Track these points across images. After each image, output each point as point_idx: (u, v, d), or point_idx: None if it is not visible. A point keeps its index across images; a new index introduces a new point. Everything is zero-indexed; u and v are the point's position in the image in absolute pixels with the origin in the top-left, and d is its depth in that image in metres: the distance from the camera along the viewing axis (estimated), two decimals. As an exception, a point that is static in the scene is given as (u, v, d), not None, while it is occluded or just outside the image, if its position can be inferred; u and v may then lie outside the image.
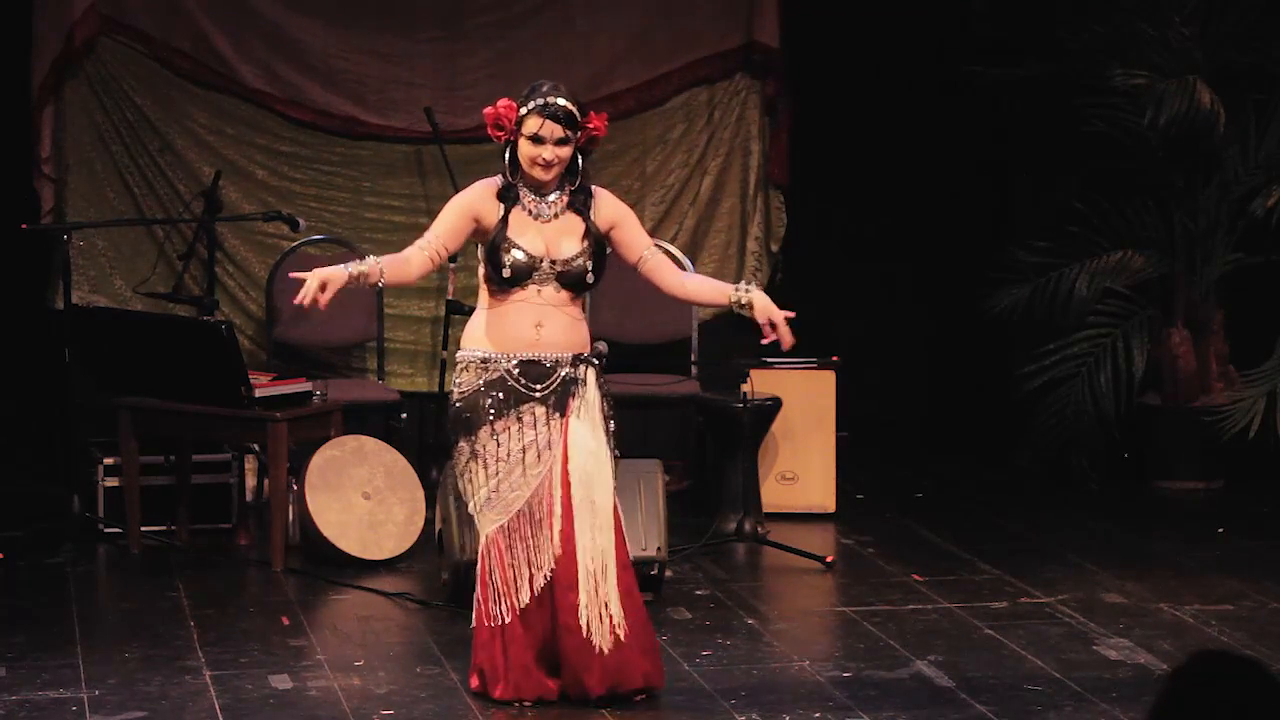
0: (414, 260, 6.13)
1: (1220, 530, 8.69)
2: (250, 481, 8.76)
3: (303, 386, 8.18)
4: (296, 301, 6.01)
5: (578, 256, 6.11)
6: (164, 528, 8.36)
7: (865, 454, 9.60)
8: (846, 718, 6.08)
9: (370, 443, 8.20)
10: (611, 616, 6.08)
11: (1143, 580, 7.76)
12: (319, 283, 5.98)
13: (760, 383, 8.56)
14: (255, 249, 9.42)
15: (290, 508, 8.08)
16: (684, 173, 9.79)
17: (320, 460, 8.02)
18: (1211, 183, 9.50)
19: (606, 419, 6.16)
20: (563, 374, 6.11)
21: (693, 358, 9.45)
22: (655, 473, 7.50)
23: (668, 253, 9.47)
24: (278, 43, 9.38)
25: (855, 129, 10.03)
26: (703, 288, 6.44)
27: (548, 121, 6.06)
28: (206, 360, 7.93)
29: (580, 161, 6.16)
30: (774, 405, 8.62)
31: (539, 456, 6.10)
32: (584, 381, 6.12)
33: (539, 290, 6.09)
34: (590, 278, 6.14)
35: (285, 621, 7.15)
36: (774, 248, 9.84)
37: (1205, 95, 9.12)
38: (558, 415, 6.11)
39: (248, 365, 8.16)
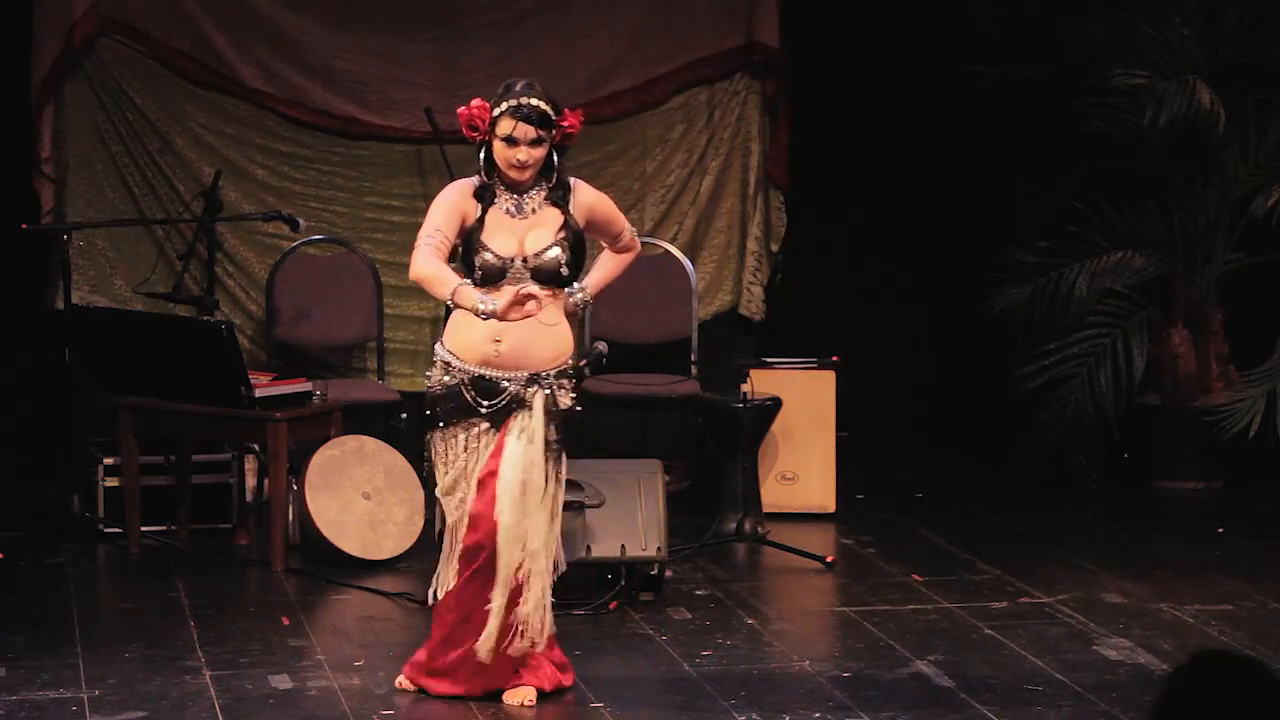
0: (441, 258, 6.11)
1: (1220, 530, 8.69)
2: (250, 481, 8.76)
3: (303, 386, 8.18)
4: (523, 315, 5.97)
5: (550, 247, 6.09)
6: (164, 528, 8.36)
7: (865, 454, 9.60)
8: (846, 718, 6.08)
9: (370, 443, 8.20)
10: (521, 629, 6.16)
11: (1143, 580, 7.76)
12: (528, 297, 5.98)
13: (760, 383, 8.56)
14: (255, 249, 9.42)
15: (290, 508, 8.08)
16: (684, 173, 9.79)
17: (320, 460, 8.02)
18: (1211, 183, 9.50)
19: (549, 442, 6.12)
20: (512, 392, 6.12)
21: (693, 358, 9.45)
22: (655, 473, 7.50)
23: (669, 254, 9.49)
24: (278, 43, 9.38)
25: (855, 129, 10.03)
26: (604, 266, 6.44)
27: (520, 123, 6.05)
28: (206, 360, 7.93)
29: (555, 158, 6.14)
30: (774, 405, 8.62)
31: (477, 464, 6.15)
32: (530, 405, 6.11)
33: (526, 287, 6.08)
34: (565, 270, 6.11)
35: (285, 621, 7.14)
36: (774, 248, 9.84)
37: (1205, 95, 9.13)
38: (494, 431, 6.13)
39: (248, 365, 8.16)
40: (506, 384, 6.11)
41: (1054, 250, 9.63)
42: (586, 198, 6.22)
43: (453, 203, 6.15)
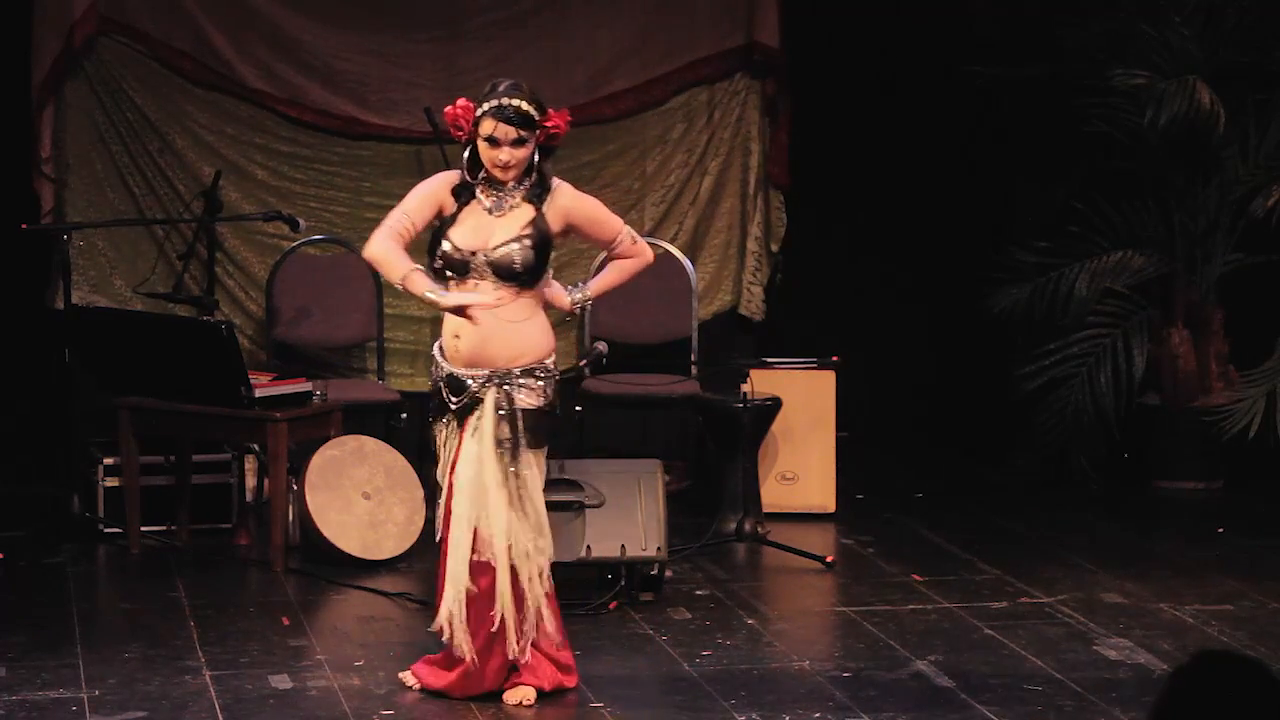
0: (400, 241, 6.17)
1: (1220, 530, 8.69)
2: (250, 481, 8.76)
3: (303, 386, 8.18)
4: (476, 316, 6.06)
5: (507, 243, 6.09)
6: (164, 528, 8.37)
7: (865, 454, 9.60)
8: (846, 718, 6.09)
9: (370, 443, 8.20)
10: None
11: (1143, 580, 7.76)
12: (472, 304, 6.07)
13: (760, 383, 8.56)
14: (255, 249, 9.42)
15: (290, 508, 8.08)
16: (684, 173, 9.78)
17: (320, 460, 8.02)
18: (1211, 183, 9.50)
19: (500, 440, 6.12)
20: (473, 390, 6.15)
21: (693, 358, 9.45)
22: (655, 473, 7.50)
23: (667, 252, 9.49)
24: (278, 43, 9.38)
25: (855, 129, 10.03)
26: (608, 270, 6.46)
27: (501, 124, 6.07)
28: (206, 360, 7.93)
29: (536, 157, 6.13)
30: (774, 405, 8.62)
31: (449, 460, 6.24)
32: (482, 404, 6.13)
33: (476, 286, 6.09)
34: (517, 266, 6.09)
35: (285, 621, 7.15)
36: (774, 248, 9.84)
37: (1205, 95, 9.13)
38: (459, 427, 6.20)
39: (248, 365, 8.16)
40: (469, 381, 6.14)
41: (1054, 250, 9.63)
42: (564, 200, 6.19)
43: (430, 193, 6.22)
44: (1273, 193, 9.36)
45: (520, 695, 6.19)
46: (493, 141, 6.08)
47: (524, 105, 6.08)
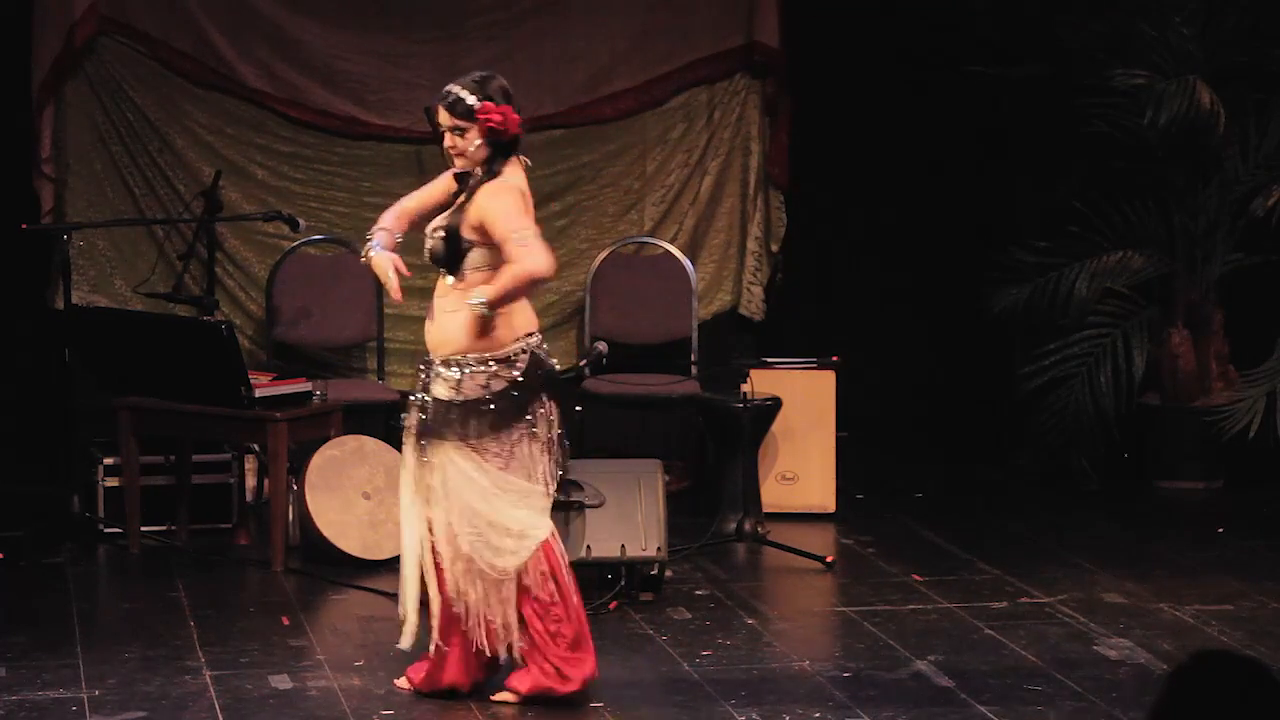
0: (402, 214, 6.28)
1: (1220, 530, 8.69)
2: (250, 481, 8.76)
3: (303, 386, 8.18)
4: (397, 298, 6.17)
5: (430, 232, 6.14)
6: (164, 528, 8.36)
7: (865, 454, 9.60)
8: (846, 718, 6.09)
9: (370, 443, 8.20)
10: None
11: (1143, 580, 7.76)
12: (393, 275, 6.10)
13: (760, 383, 8.56)
14: (255, 249, 9.42)
15: (290, 508, 8.08)
16: (684, 173, 9.78)
17: (320, 460, 8.02)
18: (1211, 183, 9.50)
19: (406, 427, 6.23)
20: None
21: (693, 358, 9.45)
22: (655, 473, 7.50)
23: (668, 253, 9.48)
24: (278, 43, 9.38)
25: (855, 129, 10.03)
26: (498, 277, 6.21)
27: (442, 109, 6.09)
28: (206, 360, 7.93)
29: (477, 148, 6.07)
30: (774, 405, 8.62)
31: None
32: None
33: (442, 273, 6.18)
34: (429, 257, 6.12)
35: (285, 621, 7.15)
36: (774, 248, 9.83)
37: (1205, 95, 9.13)
38: None
39: (248, 365, 8.16)
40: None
41: (1054, 250, 9.63)
42: (480, 197, 6.09)
43: (442, 179, 6.27)
44: (1273, 193, 9.36)
45: (500, 697, 6.21)
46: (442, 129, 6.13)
47: (460, 93, 6.06)
